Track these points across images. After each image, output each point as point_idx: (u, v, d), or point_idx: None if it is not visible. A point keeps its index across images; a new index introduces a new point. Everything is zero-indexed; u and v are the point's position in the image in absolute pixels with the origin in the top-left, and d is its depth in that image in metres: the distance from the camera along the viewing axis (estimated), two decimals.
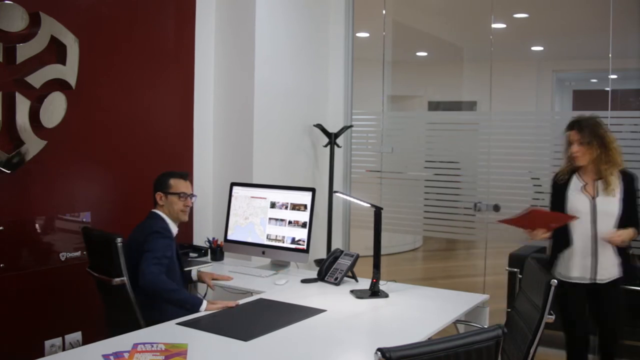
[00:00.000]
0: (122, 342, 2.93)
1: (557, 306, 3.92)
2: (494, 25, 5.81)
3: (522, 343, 3.17)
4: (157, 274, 3.59)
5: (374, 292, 3.81)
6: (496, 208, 5.40)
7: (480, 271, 6.07)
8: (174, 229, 3.96)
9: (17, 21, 3.94)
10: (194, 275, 4.29)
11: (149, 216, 3.95)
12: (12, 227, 4.02)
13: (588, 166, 4.14)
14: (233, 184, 4.82)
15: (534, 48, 7.72)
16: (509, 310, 4.30)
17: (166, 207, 3.96)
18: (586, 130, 4.07)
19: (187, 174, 4.11)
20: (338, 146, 5.75)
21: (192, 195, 4.06)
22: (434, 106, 8.75)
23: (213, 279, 4.23)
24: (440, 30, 7.91)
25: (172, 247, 3.84)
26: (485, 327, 3.41)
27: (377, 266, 3.85)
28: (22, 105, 3.98)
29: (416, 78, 8.95)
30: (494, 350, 2.26)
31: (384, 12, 6.22)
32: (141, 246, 3.71)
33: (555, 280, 3.05)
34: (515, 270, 5.17)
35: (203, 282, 4.27)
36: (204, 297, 4.43)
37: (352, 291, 3.89)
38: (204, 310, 3.45)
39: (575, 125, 4.14)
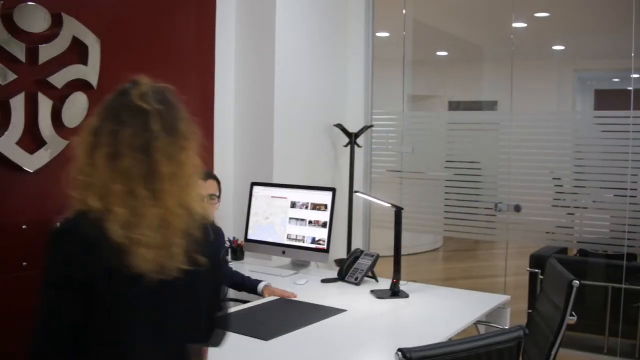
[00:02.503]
0: None
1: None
2: (514, 25, 5.78)
3: (544, 345, 3.16)
4: None
5: (395, 292, 3.81)
6: (517, 209, 5.37)
7: (501, 272, 6.05)
8: None
9: (40, 22, 3.96)
10: (260, 289, 3.95)
11: None
12: (35, 226, 4.05)
13: None
14: (254, 184, 4.83)
15: (556, 47, 7.70)
16: (530, 311, 4.28)
17: None
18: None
19: (209, 174, 3.89)
20: (358, 146, 5.74)
21: (212, 196, 3.85)
22: (455, 106, 8.75)
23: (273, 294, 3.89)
24: (460, 30, 7.90)
25: None
26: (507, 328, 3.41)
27: (397, 266, 3.84)
28: (45, 106, 4.00)
29: (437, 78, 8.95)
30: (516, 351, 2.26)
31: (404, 11, 6.21)
32: None
33: (578, 282, 3.03)
34: (537, 271, 5.15)
35: (261, 295, 3.95)
36: None
37: (372, 291, 3.89)
38: None
39: None
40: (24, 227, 4.01)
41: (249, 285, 4.00)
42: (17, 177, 3.96)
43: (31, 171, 3.97)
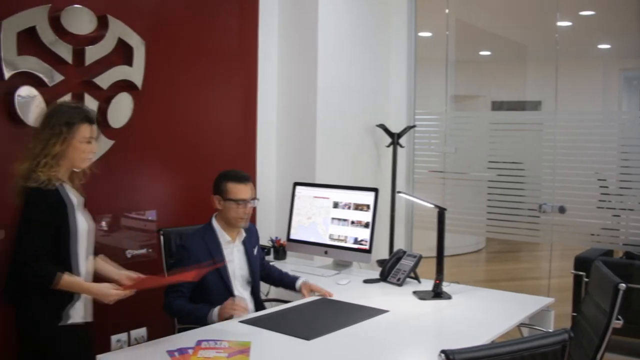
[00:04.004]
0: (186, 338, 2.97)
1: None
2: (559, 23, 5.72)
3: (589, 348, 3.11)
4: (167, 304, 3.55)
5: (437, 293, 3.79)
6: (562, 210, 5.30)
7: (545, 274, 5.99)
8: (229, 237, 3.76)
9: (86, 24, 4.04)
10: (297, 285, 3.97)
11: (206, 224, 3.80)
12: None
13: None
14: (296, 184, 4.83)
15: (601, 46, 7.59)
16: (575, 314, 4.23)
17: (223, 212, 3.73)
18: None
19: (247, 177, 3.77)
20: (401, 146, 5.73)
21: (253, 200, 3.75)
22: (498, 106, 8.66)
23: (311, 290, 3.91)
24: (504, 29, 7.83)
25: (201, 261, 3.57)
26: (551, 331, 3.37)
27: (440, 267, 3.82)
28: (91, 106, 4.05)
29: (479, 77, 8.88)
30: (560, 354, 2.23)
31: (447, 11, 6.18)
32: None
33: (624, 284, 2.99)
34: (582, 273, 5.07)
35: (299, 291, 3.97)
36: None
37: (414, 292, 3.87)
38: (215, 317, 3.35)
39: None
40: None
41: (287, 282, 4.03)
42: None
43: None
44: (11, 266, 2.96)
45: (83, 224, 3.09)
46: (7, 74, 3.68)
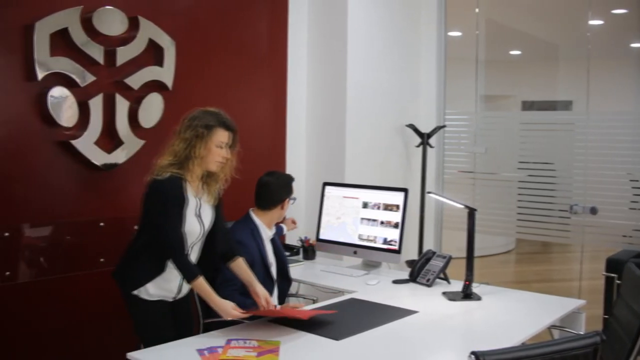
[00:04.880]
0: (216, 337, 2.99)
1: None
2: (591, 22, 5.66)
3: (620, 351, 3.09)
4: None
5: (467, 294, 3.77)
6: (593, 211, 5.24)
7: (575, 275, 5.93)
8: (269, 232, 3.95)
9: (117, 25, 4.07)
10: (283, 229, 4.64)
11: (244, 218, 3.93)
12: (111, 224, 4.15)
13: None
14: (325, 184, 4.84)
15: (634, 45, 7.50)
16: (607, 317, 4.18)
17: (283, 212, 4.04)
18: None
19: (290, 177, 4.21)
20: (430, 146, 5.71)
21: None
22: (528, 106, 8.60)
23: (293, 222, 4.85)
24: (534, 28, 7.77)
25: (254, 257, 3.74)
26: (583, 333, 3.34)
27: (470, 268, 3.80)
28: (122, 106, 4.11)
29: (510, 77, 8.82)
30: (592, 357, 2.22)
31: (477, 10, 6.14)
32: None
33: None
34: (613, 275, 5.02)
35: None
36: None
37: (444, 293, 3.86)
38: None
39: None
40: (101, 224, 4.13)
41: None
42: (95, 176, 4.07)
43: (109, 170, 4.07)
44: (130, 249, 3.37)
45: (191, 225, 3.27)
46: (40, 74, 3.72)
